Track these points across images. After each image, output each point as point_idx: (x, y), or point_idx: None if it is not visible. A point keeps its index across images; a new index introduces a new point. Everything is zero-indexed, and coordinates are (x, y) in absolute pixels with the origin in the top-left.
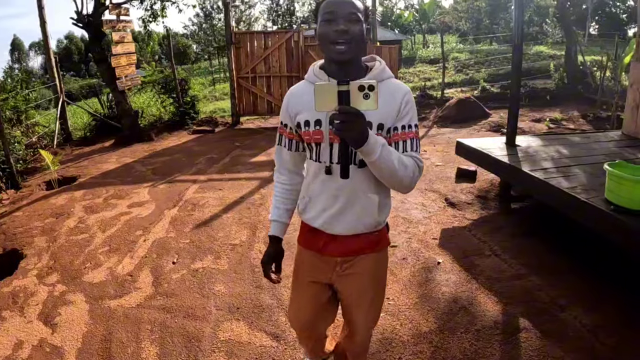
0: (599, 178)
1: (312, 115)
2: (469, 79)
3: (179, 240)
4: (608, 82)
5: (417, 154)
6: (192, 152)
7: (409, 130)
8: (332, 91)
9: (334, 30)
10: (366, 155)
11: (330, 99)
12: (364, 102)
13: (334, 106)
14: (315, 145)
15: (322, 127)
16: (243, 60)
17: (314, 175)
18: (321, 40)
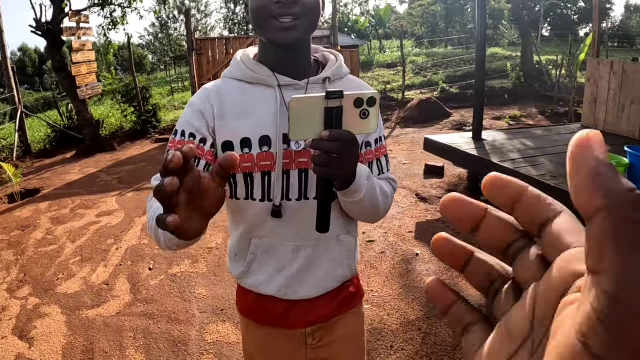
0: (565, 165)
1: (254, 129)
2: (427, 82)
3: (153, 247)
4: (564, 80)
5: (391, 175)
6: (157, 161)
7: (381, 143)
8: (317, 108)
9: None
10: (350, 195)
11: (312, 121)
12: (360, 122)
13: (318, 131)
14: (260, 176)
15: (273, 148)
16: (205, 66)
17: (256, 221)
18: (257, 17)
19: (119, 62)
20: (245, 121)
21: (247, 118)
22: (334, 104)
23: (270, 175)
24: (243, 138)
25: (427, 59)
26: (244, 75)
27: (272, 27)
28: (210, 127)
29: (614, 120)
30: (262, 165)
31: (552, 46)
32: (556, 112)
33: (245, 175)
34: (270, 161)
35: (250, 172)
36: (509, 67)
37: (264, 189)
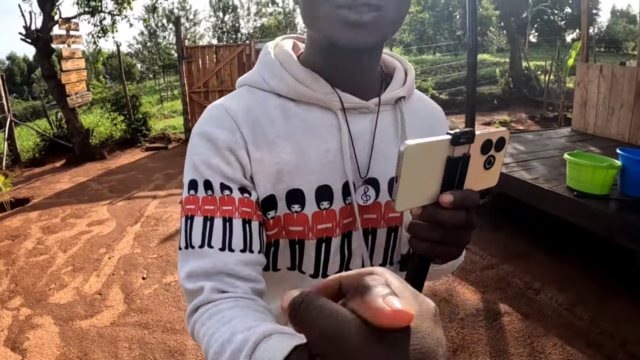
0: (557, 169)
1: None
2: (417, 88)
3: (146, 256)
4: (552, 85)
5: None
6: (148, 169)
7: None
8: (437, 159)
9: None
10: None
11: (427, 179)
12: (482, 175)
13: (433, 193)
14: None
15: (335, 203)
16: (195, 74)
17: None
18: (310, 5)
19: (108, 71)
20: (295, 164)
21: (297, 159)
22: (461, 151)
23: (330, 243)
24: (292, 189)
25: (416, 66)
26: (288, 89)
27: (337, 21)
28: (247, 168)
29: (604, 124)
30: (320, 229)
31: (539, 52)
32: (545, 116)
33: (293, 242)
34: (331, 223)
35: (302, 238)
36: (497, 73)
37: (319, 261)
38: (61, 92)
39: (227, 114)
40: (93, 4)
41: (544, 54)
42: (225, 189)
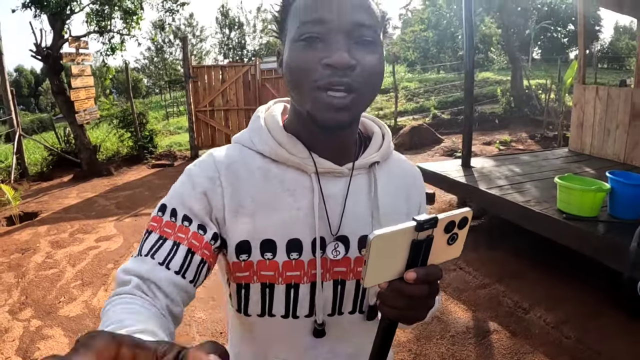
0: (550, 191)
1: (279, 229)
2: (419, 107)
3: None
4: (553, 104)
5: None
6: (154, 186)
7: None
8: (403, 243)
9: (324, 61)
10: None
11: (394, 259)
12: (445, 249)
13: (399, 270)
14: (284, 289)
15: (304, 255)
16: (201, 93)
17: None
18: (296, 81)
19: (114, 85)
20: (269, 217)
21: (272, 213)
22: (424, 234)
23: (298, 288)
24: (265, 239)
25: (419, 85)
26: (270, 151)
27: (318, 102)
28: (215, 216)
29: (600, 144)
30: (288, 276)
31: (542, 70)
32: (545, 136)
33: (264, 286)
34: (299, 271)
35: (272, 283)
36: (499, 92)
37: (289, 303)
38: (70, 109)
39: (213, 163)
40: (102, 23)
41: (547, 71)
42: (185, 220)
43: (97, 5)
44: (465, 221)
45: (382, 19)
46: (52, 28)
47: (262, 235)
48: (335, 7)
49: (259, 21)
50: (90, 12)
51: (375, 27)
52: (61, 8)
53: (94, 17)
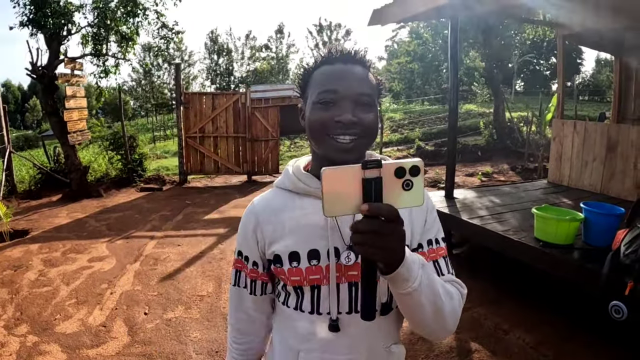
0: (528, 221)
1: (303, 243)
2: (404, 138)
3: (147, 293)
4: (534, 136)
5: (455, 277)
6: (144, 209)
7: (437, 245)
8: (353, 180)
9: (335, 119)
10: (400, 283)
11: (349, 194)
12: (403, 194)
13: (355, 205)
14: (309, 290)
15: (322, 262)
16: (192, 119)
17: (305, 334)
18: (314, 131)
19: (101, 107)
20: (294, 235)
21: (297, 231)
22: (372, 174)
23: (320, 289)
24: (292, 252)
25: (404, 116)
26: (295, 187)
27: (330, 146)
28: (260, 246)
29: (578, 176)
30: (312, 279)
31: (524, 102)
32: (526, 167)
33: (295, 287)
34: (319, 275)
35: (300, 285)
36: (481, 124)
37: (314, 302)
38: (62, 129)
39: (255, 215)
40: (98, 46)
41: (529, 104)
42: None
43: (94, 28)
44: (417, 170)
45: (377, 86)
46: (48, 48)
47: (289, 248)
48: (344, 81)
49: (247, 48)
50: (87, 35)
51: (372, 94)
52: (59, 29)
53: (90, 40)
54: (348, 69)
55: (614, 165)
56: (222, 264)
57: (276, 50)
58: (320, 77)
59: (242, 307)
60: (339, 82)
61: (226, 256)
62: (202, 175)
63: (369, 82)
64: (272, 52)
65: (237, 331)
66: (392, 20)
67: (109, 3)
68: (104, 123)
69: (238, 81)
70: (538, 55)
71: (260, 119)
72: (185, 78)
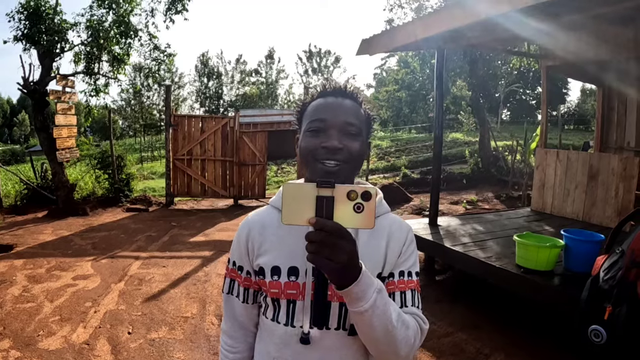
0: (510, 248)
1: (285, 259)
2: (390, 166)
3: (131, 313)
4: (518, 165)
5: (419, 312)
6: (130, 230)
7: (409, 278)
8: (308, 196)
9: (322, 145)
10: (354, 301)
11: (304, 208)
12: (353, 216)
13: (307, 217)
14: (286, 303)
15: (300, 279)
16: (180, 142)
17: (280, 344)
18: (304, 156)
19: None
20: (278, 250)
21: (281, 247)
22: (325, 193)
23: (295, 304)
24: (274, 266)
25: (391, 143)
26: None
27: (317, 169)
28: (250, 257)
29: (560, 204)
30: (289, 293)
31: (510, 131)
32: (511, 195)
33: (273, 299)
34: (296, 290)
35: (278, 297)
36: (467, 153)
37: (289, 315)
38: (51, 145)
39: (248, 229)
40: (91, 65)
41: (514, 133)
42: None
43: (87, 47)
44: (368, 195)
45: (367, 119)
46: (41, 64)
47: (273, 262)
48: (332, 111)
49: (237, 72)
50: (79, 53)
51: (358, 124)
52: (52, 46)
53: (83, 58)
54: (338, 102)
55: (596, 193)
56: (207, 286)
57: (266, 75)
58: (312, 109)
59: (235, 315)
60: (328, 113)
61: (211, 279)
62: (188, 197)
63: (358, 114)
64: (261, 76)
65: (229, 337)
66: (380, 51)
67: (102, 23)
68: (92, 141)
69: (227, 105)
70: (524, 85)
71: (248, 144)
72: (174, 100)
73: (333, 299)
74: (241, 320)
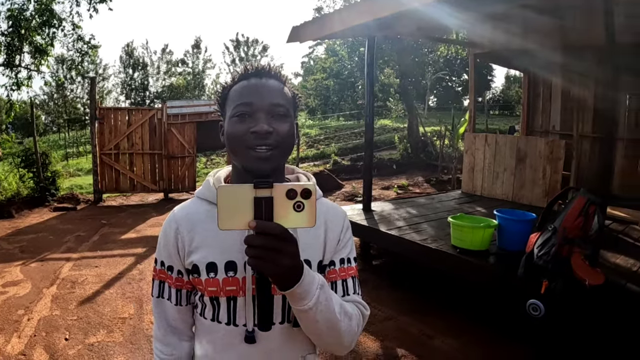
0: (444, 230)
1: (220, 255)
2: (320, 154)
3: (66, 318)
4: (447, 149)
5: (360, 299)
6: (58, 230)
7: (349, 265)
8: (246, 198)
9: (251, 130)
10: (297, 300)
11: (241, 211)
12: (294, 215)
13: (247, 221)
14: (226, 301)
15: (239, 273)
16: (106, 136)
17: (222, 344)
18: (231, 144)
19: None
20: (212, 246)
21: (215, 242)
22: (263, 193)
23: (236, 300)
24: (209, 262)
25: (320, 132)
26: (214, 198)
27: (248, 157)
28: (181, 255)
29: (490, 186)
30: (228, 290)
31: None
32: (441, 179)
33: (212, 298)
34: (235, 286)
35: (217, 296)
36: (396, 139)
37: (230, 313)
38: None
39: (175, 223)
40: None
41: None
42: (169, 269)
43: (7, 37)
44: (308, 193)
45: (293, 99)
46: None
47: (207, 259)
48: (257, 94)
49: (163, 62)
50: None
51: (286, 105)
52: None
53: (3, 49)
54: (262, 83)
55: (524, 175)
56: (142, 284)
57: (193, 65)
58: (236, 93)
59: (167, 319)
60: (253, 95)
61: (145, 276)
62: (117, 193)
63: (284, 94)
64: (188, 67)
65: (163, 345)
66: (311, 38)
67: (24, 12)
68: (14, 139)
69: (153, 96)
70: (451, 73)
71: (177, 135)
72: (99, 92)
73: (275, 291)
74: (175, 324)
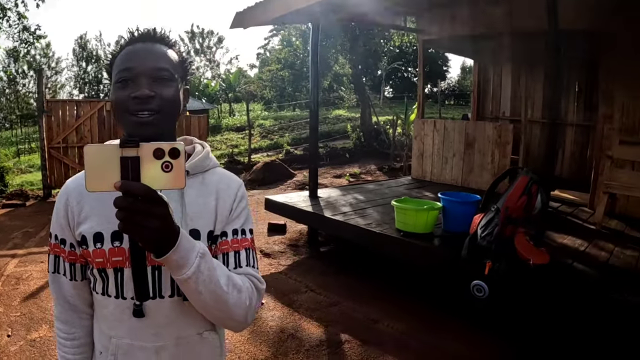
0: (390, 214)
1: (107, 224)
2: (274, 144)
3: (9, 314)
4: (400, 138)
5: (255, 272)
6: (6, 227)
7: (242, 236)
8: (112, 158)
9: (132, 95)
10: (175, 269)
11: (109, 171)
12: (162, 176)
13: (113, 182)
14: (113, 272)
15: (125, 243)
16: (55, 129)
17: (113, 319)
18: (116, 110)
19: None
20: (99, 215)
21: (102, 212)
22: (129, 153)
23: (123, 272)
24: (96, 232)
25: (274, 122)
26: None
27: (129, 123)
28: (71, 226)
29: (439, 171)
30: (114, 261)
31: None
32: (393, 167)
33: (100, 270)
34: (122, 257)
35: (103, 267)
36: (349, 128)
37: (117, 285)
38: None
39: (65, 195)
40: None
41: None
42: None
43: None
44: (176, 152)
45: (181, 64)
46: None
47: (95, 229)
48: (140, 58)
49: None
50: None
51: (171, 69)
52: None
53: None
54: (146, 47)
55: (473, 160)
56: None
57: None
58: (120, 59)
59: (64, 296)
60: (135, 60)
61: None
62: None
63: (169, 58)
64: None
65: (63, 323)
66: (255, 24)
67: None
68: None
69: (107, 90)
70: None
71: None
72: (52, 87)
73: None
74: (72, 301)
